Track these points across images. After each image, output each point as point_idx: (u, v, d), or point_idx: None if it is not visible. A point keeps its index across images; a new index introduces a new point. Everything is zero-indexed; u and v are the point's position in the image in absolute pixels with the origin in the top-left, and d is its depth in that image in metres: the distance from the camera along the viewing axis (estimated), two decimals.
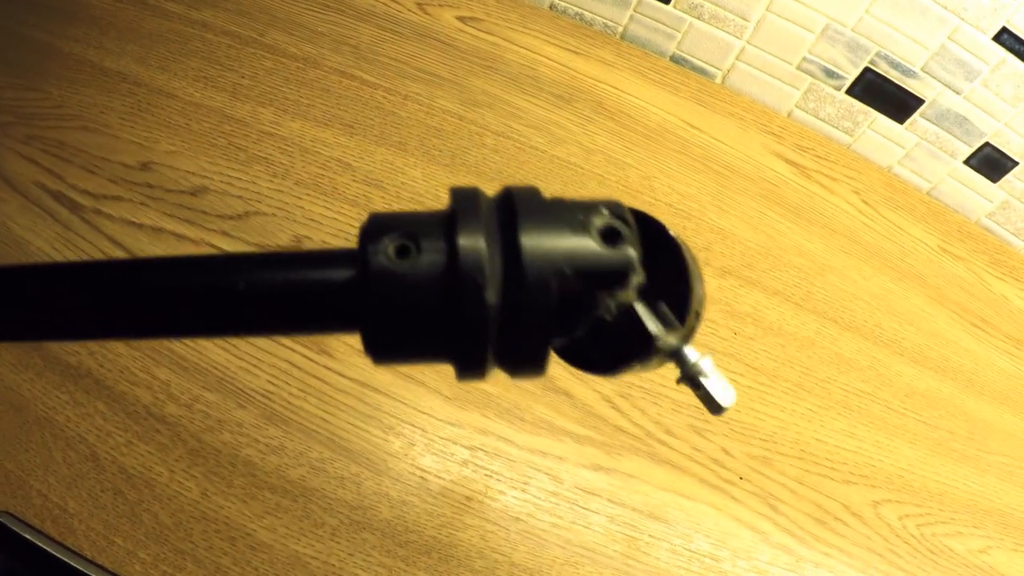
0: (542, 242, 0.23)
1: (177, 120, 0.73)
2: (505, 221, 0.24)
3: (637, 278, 0.24)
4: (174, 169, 0.70)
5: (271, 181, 0.70)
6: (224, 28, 0.79)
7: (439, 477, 0.60)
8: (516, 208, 0.24)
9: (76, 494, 0.58)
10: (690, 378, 0.27)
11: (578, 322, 0.24)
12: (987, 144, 0.85)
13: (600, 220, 0.24)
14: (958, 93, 0.81)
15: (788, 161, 0.84)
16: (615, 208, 0.24)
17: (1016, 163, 0.85)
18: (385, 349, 0.24)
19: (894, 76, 0.81)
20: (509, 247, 0.23)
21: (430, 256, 0.23)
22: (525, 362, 0.25)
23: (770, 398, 0.69)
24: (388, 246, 0.23)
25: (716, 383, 0.27)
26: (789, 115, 0.89)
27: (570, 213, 0.24)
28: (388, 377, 0.63)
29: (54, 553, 0.57)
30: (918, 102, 0.83)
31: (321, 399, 0.62)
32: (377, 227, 0.24)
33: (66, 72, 0.76)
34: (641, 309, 0.25)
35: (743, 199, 0.79)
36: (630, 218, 0.25)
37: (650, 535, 0.62)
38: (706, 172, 0.80)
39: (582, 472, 0.63)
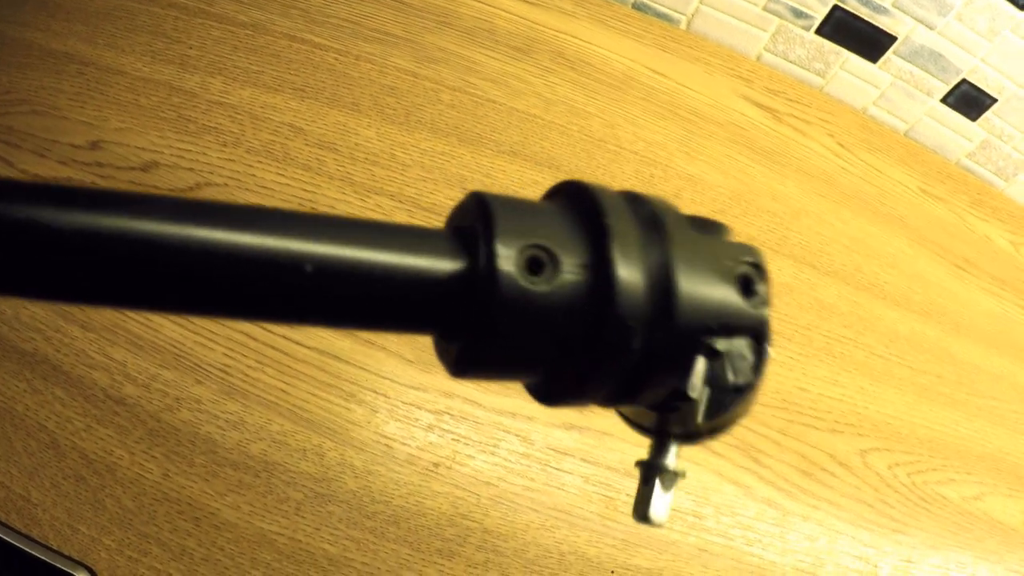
0: (696, 290, 0.21)
1: (126, 97, 0.71)
2: (655, 249, 0.21)
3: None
4: (124, 146, 0.68)
5: (222, 151, 0.68)
6: (171, 1, 0.77)
7: (404, 444, 0.58)
8: (669, 238, 0.21)
9: (39, 483, 0.57)
10: (651, 468, 0.25)
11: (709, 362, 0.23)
12: (964, 81, 0.82)
13: (740, 266, 0.22)
14: (931, 28, 0.78)
15: (758, 105, 0.81)
16: (756, 256, 0.23)
17: (995, 100, 0.83)
18: (481, 366, 0.21)
19: (864, 13, 0.79)
20: (664, 291, 0.21)
21: (570, 279, 0.20)
22: (638, 401, 0.23)
23: None
24: (519, 256, 0.20)
25: (663, 496, 0.25)
26: (758, 58, 0.86)
27: (717, 255, 0.22)
28: (348, 343, 0.61)
29: (18, 545, 0.55)
30: (890, 40, 0.80)
31: (279, 369, 0.60)
32: (499, 222, 0.20)
33: (13, 57, 0.73)
34: (729, 364, 0.23)
35: (712, 145, 0.77)
36: (764, 266, 0.23)
37: (627, 494, 0.60)
38: (673, 119, 0.77)
39: (553, 432, 0.60)
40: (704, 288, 0.21)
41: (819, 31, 0.81)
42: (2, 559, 0.56)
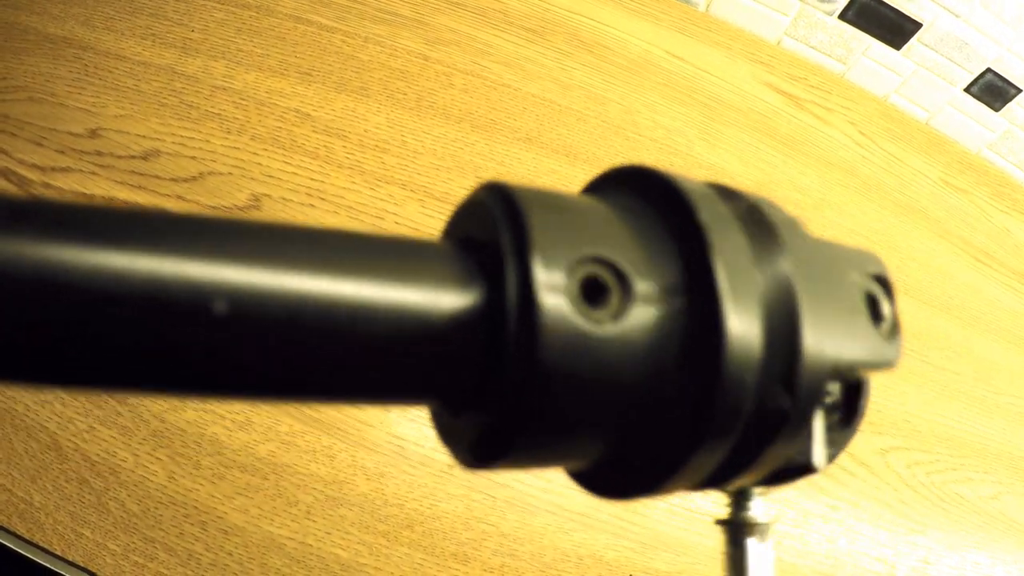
0: (827, 328, 0.15)
1: (126, 82, 0.68)
2: (769, 268, 0.15)
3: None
4: (124, 134, 0.66)
5: (226, 138, 0.66)
6: None
7: (418, 445, 0.57)
8: (785, 250, 0.15)
9: (41, 487, 0.55)
10: (738, 526, 0.19)
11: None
12: (988, 70, 0.80)
13: (867, 282, 0.17)
14: (957, 16, 0.76)
15: (779, 91, 0.79)
16: (879, 266, 0.17)
17: (1019, 90, 0.81)
18: (513, 453, 0.14)
19: None
20: (788, 332, 0.14)
21: (649, 313, 0.13)
22: (738, 482, 0.16)
23: None
24: (569, 278, 0.13)
25: (760, 551, 0.19)
26: (779, 43, 0.83)
27: (842, 271, 0.17)
28: None
29: (21, 552, 0.54)
30: (915, 26, 0.78)
31: None
32: (536, 227, 0.13)
33: (8, 42, 0.71)
34: (817, 427, 0.17)
35: (733, 132, 0.74)
36: (890, 279, 0.18)
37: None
38: (692, 105, 0.75)
39: None
40: (834, 323, 0.15)
41: (842, 16, 0.79)
42: (5, 566, 0.54)
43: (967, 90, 0.82)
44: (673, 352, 0.14)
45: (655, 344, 0.13)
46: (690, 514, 0.58)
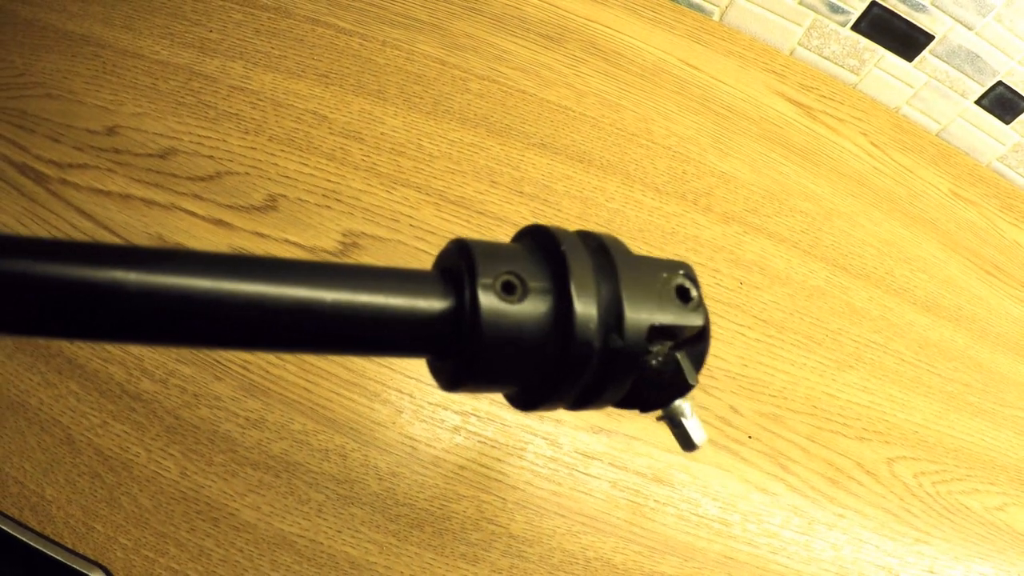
0: (637, 300, 0.25)
1: (143, 81, 0.69)
2: (605, 272, 0.25)
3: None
4: (141, 132, 0.66)
5: (243, 138, 0.66)
6: None
7: (430, 446, 0.57)
8: (615, 261, 0.25)
9: (53, 480, 0.55)
10: (670, 417, 0.29)
11: (641, 370, 0.26)
12: (1000, 83, 0.80)
13: (676, 280, 0.26)
14: (970, 29, 0.76)
15: (792, 101, 0.79)
16: (687, 269, 0.27)
17: None
18: (470, 380, 0.24)
19: (902, 10, 0.77)
20: (616, 309, 0.25)
21: (537, 298, 0.24)
22: (600, 403, 0.27)
23: (779, 351, 0.66)
24: (495, 281, 0.23)
25: (693, 423, 0.29)
26: (791, 53, 0.84)
27: (656, 273, 0.26)
28: None
29: (32, 544, 0.54)
30: (928, 38, 0.78)
31: (301, 367, 0.59)
32: (479, 258, 0.24)
33: (28, 39, 0.71)
34: (683, 360, 0.26)
35: (745, 141, 0.75)
36: (696, 279, 0.27)
37: (655, 500, 0.58)
38: (705, 113, 0.75)
39: (581, 435, 0.59)
40: (648, 300, 0.25)
41: (855, 27, 0.79)
42: (16, 558, 0.54)
43: (978, 102, 0.82)
44: (549, 321, 0.24)
45: (541, 317, 0.24)
46: (698, 520, 0.58)
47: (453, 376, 0.24)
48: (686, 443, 0.29)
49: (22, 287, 0.18)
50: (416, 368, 0.59)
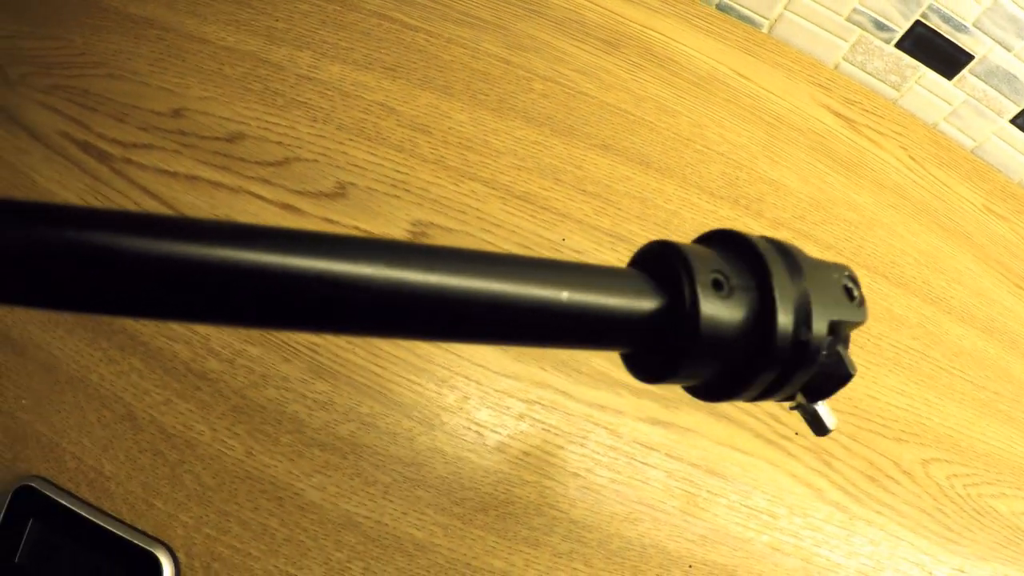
0: (820, 298, 0.27)
1: (209, 65, 0.70)
2: (792, 271, 0.27)
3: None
4: (208, 115, 0.67)
5: (311, 126, 0.67)
6: None
7: (495, 432, 0.59)
8: (802, 267, 0.27)
9: (112, 456, 0.56)
10: (802, 406, 0.31)
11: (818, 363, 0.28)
12: None
13: (843, 281, 0.28)
14: (1009, 50, 0.79)
15: (836, 114, 0.82)
16: (850, 271, 0.29)
17: None
18: (680, 371, 0.25)
19: (945, 30, 0.79)
20: (803, 299, 0.26)
21: (742, 297, 0.25)
22: (780, 394, 0.28)
23: None
24: (706, 278, 0.25)
25: (824, 409, 0.31)
26: (836, 67, 0.86)
27: (829, 274, 0.28)
28: None
29: (90, 518, 0.55)
30: (968, 58, 0.81)
31: (370, 351, 0.60)
32: (691, 258, 0.25)
33: (88, 19, 0.72)
34: (843, 352, 0.28)
35: (793, 150, 0.77)
36: (857, 280, 0.29)
37: (708, 491, 0.60)
38: (756, 122, 0.78)
39: (640, 426, 0.61)
40: (827, 300, 0.27)
41: (899, 44, 0.82)
42: (73, 534, 0.55)
43: (1013, 121, 0.85)
44: (752, 317, 0.25)
45: (745, 313, 0.25)
46: (748, 511, 0.60)
47: (663, 368, 0.26)
48: (819, 428, 0.31)
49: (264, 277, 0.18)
50: (482, 355, 0.61)
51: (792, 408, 0.31)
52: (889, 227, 0.77)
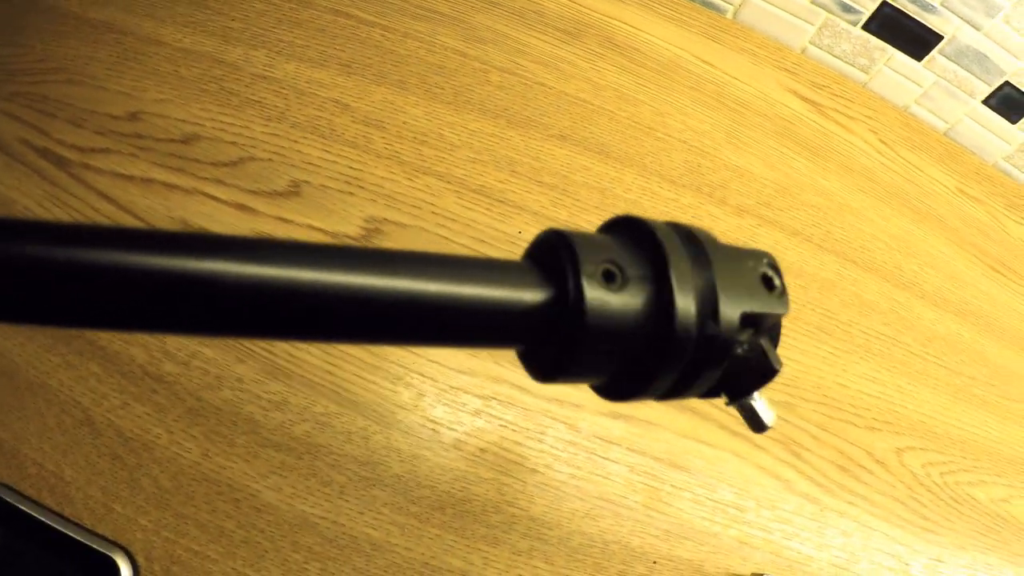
0: (730, 289, 0.25)
1: (166, 68, 0.69)
2: (697, 259, 0.25)
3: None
4: (164, 118, 0.67)
5: (266, 125, 0.67)
6: None
7: (451, 429, 0.58)
8: (708, 252, 0.26)
9: (72, 461, 0.56)
10: (740, 401, 0.30)
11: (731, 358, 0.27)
12: (1007, 83, 0.82)
13: (761, 269, 0.27)
14: (978, 29, 0.78)
15: (803, 98, 0.81)
16: (770, 258, 0.28)
17: None
18: (569, 368, 0.24)
19: (912, 11, 0.78)
20: (708, 289, 0.25)
21: (636, 288, 0.24)
22: (690, 392, 0.27)
23: (791, 341, 0.67)
24: (596, 270, 0.23)
25: (761, 405, 0.30)
26: (803, 51, 0.85)
27: (743, 262, 0.27)
28: None
29: (51, 524, 0.54)
30: (937, 38, 0.80)
31: (324, 350, 0.59)
32: (579, 248, 0.24)
33: (48, 25, 0.72)
34: (766, 345, 0.27)
35: (758, 136, 0.76)
36: (779, 268, 0.27)
37: (672, 485, 0.59)
38: (720, 109, 0.77)
39: (600, 420, 0.60)
40: (739, 290, 0.25)
41: (866, 26, 0.80)
42: (34, 538, 0.54)
43: (985, 102, 0.83)
44: (648, 310, 0.24)
45: (640, 305, 0.24)
46: (714, 505, 0.59)
47: (552, 365, 0.24)
48: (757, 425, 0.30)
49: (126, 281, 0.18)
50: (438, 351, 0.60)
51: (728, 404, 0.30)
52: (859, 212, 0.75)
